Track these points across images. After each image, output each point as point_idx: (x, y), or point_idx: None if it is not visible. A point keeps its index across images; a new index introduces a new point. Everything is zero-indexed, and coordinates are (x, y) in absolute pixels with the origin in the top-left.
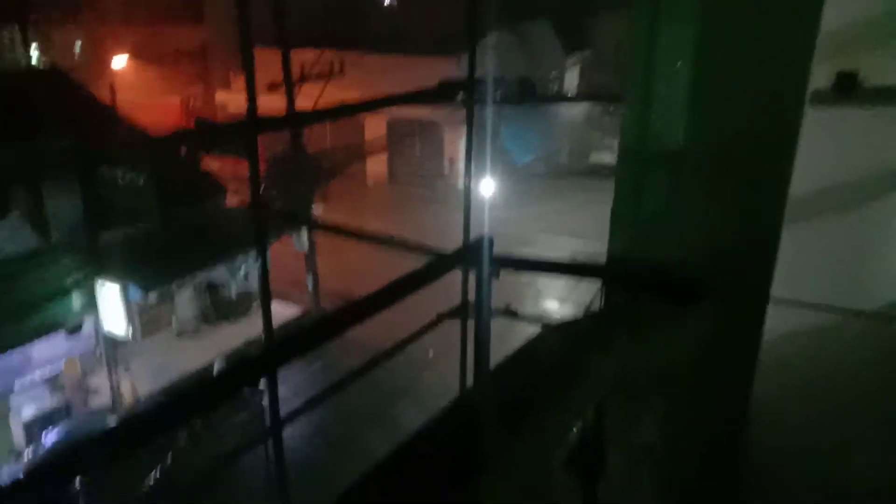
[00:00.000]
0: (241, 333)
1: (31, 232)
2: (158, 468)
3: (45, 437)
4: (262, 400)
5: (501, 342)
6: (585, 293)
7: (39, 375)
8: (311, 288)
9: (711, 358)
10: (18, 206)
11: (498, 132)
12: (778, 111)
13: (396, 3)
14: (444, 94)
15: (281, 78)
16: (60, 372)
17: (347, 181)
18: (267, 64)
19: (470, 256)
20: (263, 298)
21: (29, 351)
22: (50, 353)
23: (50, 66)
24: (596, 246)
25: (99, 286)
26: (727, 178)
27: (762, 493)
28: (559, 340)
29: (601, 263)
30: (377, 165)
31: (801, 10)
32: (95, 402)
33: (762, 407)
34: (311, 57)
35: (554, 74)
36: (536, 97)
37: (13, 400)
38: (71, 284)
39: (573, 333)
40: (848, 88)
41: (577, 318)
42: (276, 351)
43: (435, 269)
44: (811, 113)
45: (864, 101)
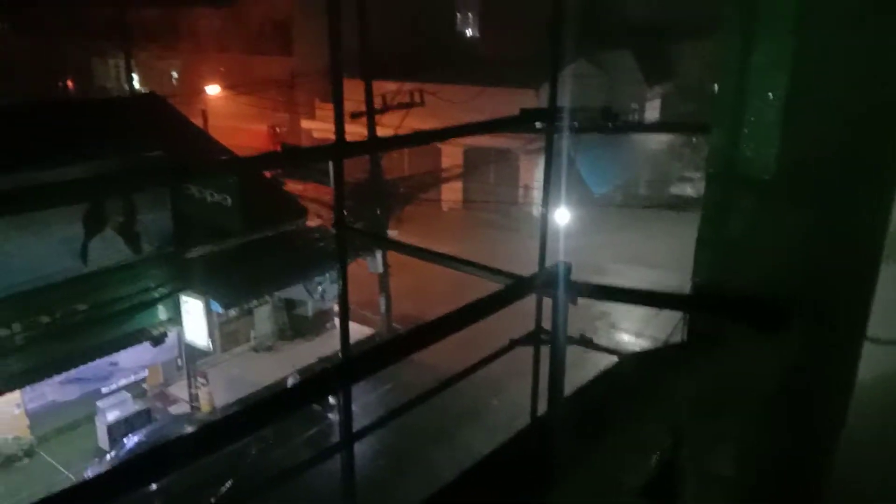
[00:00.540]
0: (315, 351)
1: (123, 245)
2: (230, 482)
3: (127, 440)
4: (331, 416)
5: (573, 370)
6: (660, 327)
7: (125, 382)
8: (383, 309)
9: (799, 390)
10: (113, 220)
11: (574, 161)
12: (876, 134)
13: (478, 34)
14: (524, 121)
15: (363, 108)
16: (144, 379)
17: (423, 207)
18: (351, 94)
19: (547, 282)
20: (343, 317)
21: (116, 358)
22: (135, 360)
23: (149, 91)
24: (672, 278)
25: (183, 300)
26: (819, 204)
27: None
28: (637, 367)
29: (682, 293)
30: (453, 192)
31: (893, 28)
32: (175, 409)
33: (854, 448)
34: (392, 88)
35: (634, 106)
36: (619, 126)
37: (100, 403)
38: (158, 297)
39: (652, 360)
40: None
41: (657, 346)
42: (351, 366)
43: (512, 292)
44: None
45: None
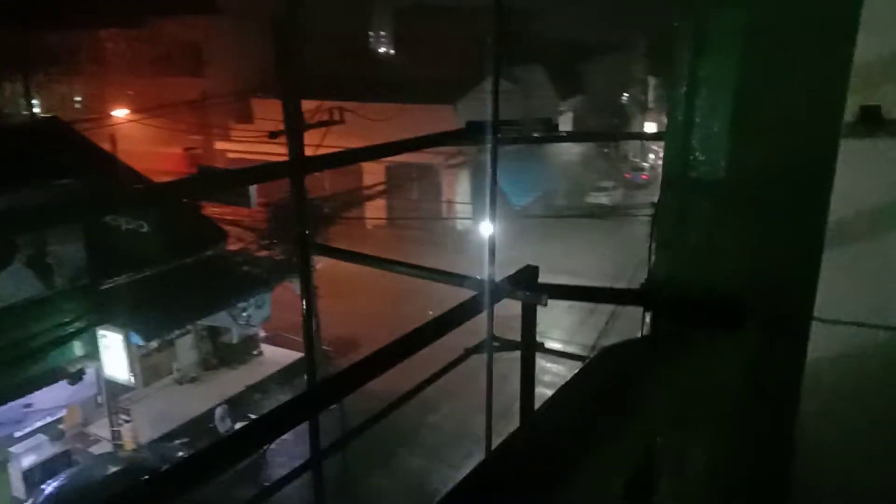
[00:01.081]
0: (242, 379)
1: (34, 279)
2: None
3: (46, 486)
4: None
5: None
6: (587, 335)
7: (40, 423)
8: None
9: (757, 375)
10: (22, 253)
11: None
12: (815, 140)
13: (394, 53)
14: (471, 133)
15: (282, 126)
16: (61, 420)
17: (347, 226)
18: (269, 113)
19: (516, 285)
20: (307, 341)
21: (30, 399)
22: (51, 400)
23: (51, 116)
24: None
25: (101, 334)
26: (767, 204)
27: None
28: (610, 369)
29: (644, 290)
30: (376, 210)
31: (834, 44)
32: (97, 449)
33: (805, 425)
34: (311, 106)
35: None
36: (559, 137)
37: (14, 448)
38: (73, 332)
39: (624, 361)
40: (872, 121)
41: (625, 342)
42: (319, 393)
43: (482, 300)
44: (844, 143)
45: (888, 133)
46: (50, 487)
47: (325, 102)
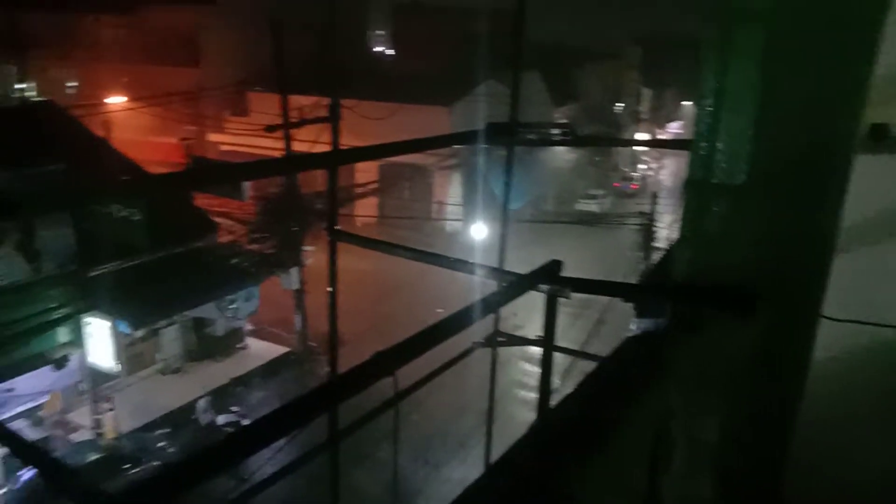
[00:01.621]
0: (226, 371)
1: (21, 263)
2: None
3: (22, 473)
4: None
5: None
6: (575, 337)
7: (20, 409)
8: (299, 327)
9: (767, 366)
10: (11, 237)
11: (487, 178)
12: (832, 148)
13: (390, 52)
14: (489, 135)
15: (279, 121)
16: (41, 406)
17: (338, 223)
18: (267, 107)
19: (541, 279)
20: (331, 330)
21: (12, 384)
22: (32, 386)
23: (45, 100)
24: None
25: (87, 321)
26: (784, 206)
27: (803, 492)
28: (634, 356)
29: (666, 285)
30: (367, 208)
31: (853, 58)
32: (77, 437)
33: (812, 414)
34: (308, 102)
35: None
36: (575, 140)
37: None
38: (59, 318)
39: (647, 348)
40: (881, 138)
41: (648, 332)
42: (340, 384)
43: (511, 291)
44: (860, 155)
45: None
46: (28, 474)
47: (322, 99)
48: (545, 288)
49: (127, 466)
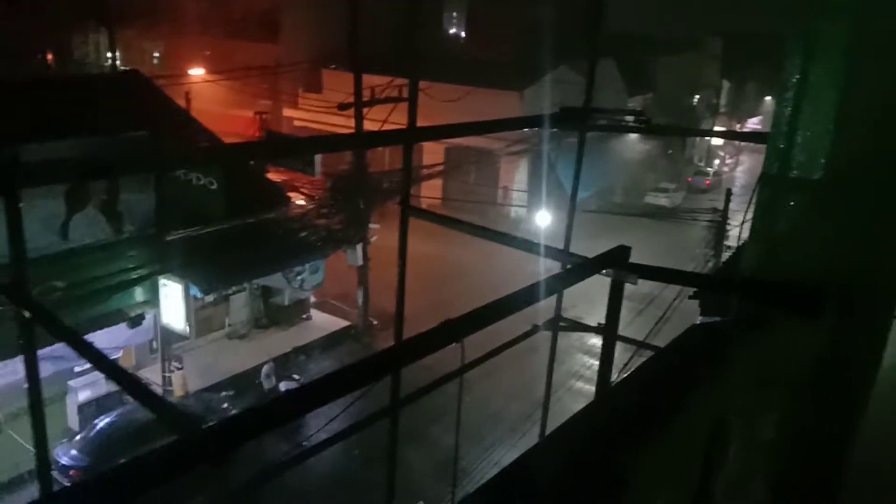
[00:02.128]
0: (290, 340)
1: (105, 224)
2: None
3: (97, 421)
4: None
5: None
6: (632, 334)
7: None
8: (360, 302)
9: (833, 367)
10: (96, 198)
11: (555, 166)
12: None
13: (466, 35)
14: (562, 119)
15: (351, 99)
16: (116, 361)
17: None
18: (340, 85)
19: (608, 263)
20: (399, 299)
21: (91, 337)
22: (109, 341)
23: (132, 69)
24: (647, 286)
25: (162, 283)
26: (860, 203)
27: (863, 497)
28: (699, 341)
29: (734, 277)
30: (432, 190)
31: None
32: None
33: (878, 417)
34: (381, 82)
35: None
36: (652, 128)
37: (72, 382)
38: (137, 278)
39: (709, 339)
40: None
41: (711, 322)
42: (409, 346)
43: (576, 273)
44: None
45: None
46: (101, 423)
47: (394, 79)
48: (611, 273)
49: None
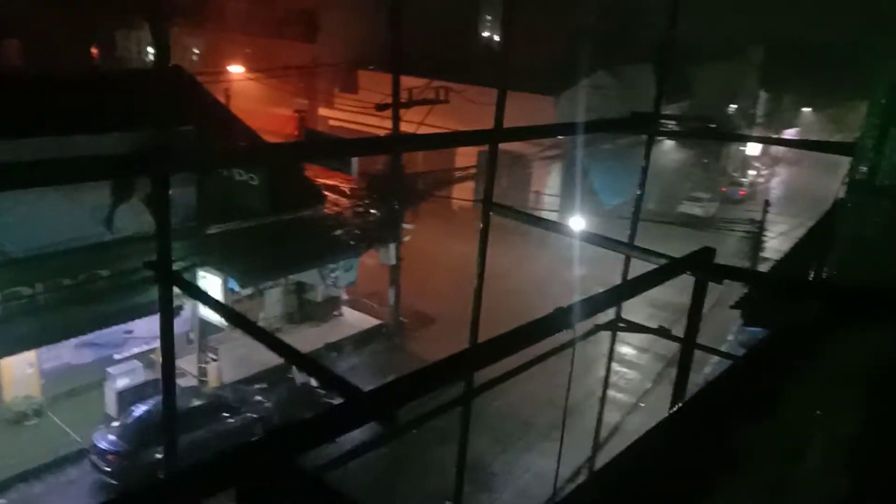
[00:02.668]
0: (322, 336)
1: (146, 215)
2: None
3: (135, 408)
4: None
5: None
6: (666, 345)
7: (137, 350)
8: (391, 301)
9: None
10: (140, 190)
11: (588, 173)
12: None
13: (501, 38)
14: (632, 124)
15: (386, 100)
16: (154, 350)
17: (435, 204)
18: (378, 86)
19: (694, 264)
20: (476, 299)
21: (131, 325)
22: (148, 330)
23: (175, 65)
24: (674, 295)
25: (201, 275)
26: None
27: None
28: (780, 349)
29: (817, 282)
30: (465, 192)
31: None
32: (183, 382)
33: None
34: (418, 84)
35: None
36: (721, 135)
37: (111, 369)
38: (177, 269)
39: (795, 343)
40: None
41: (795, 324)
42: (478, 352)
43: (663, 273)
44: None
45: None
46: (139, 410)
47: (432, 81)
48: (695, 274)
49: (226, 415)
